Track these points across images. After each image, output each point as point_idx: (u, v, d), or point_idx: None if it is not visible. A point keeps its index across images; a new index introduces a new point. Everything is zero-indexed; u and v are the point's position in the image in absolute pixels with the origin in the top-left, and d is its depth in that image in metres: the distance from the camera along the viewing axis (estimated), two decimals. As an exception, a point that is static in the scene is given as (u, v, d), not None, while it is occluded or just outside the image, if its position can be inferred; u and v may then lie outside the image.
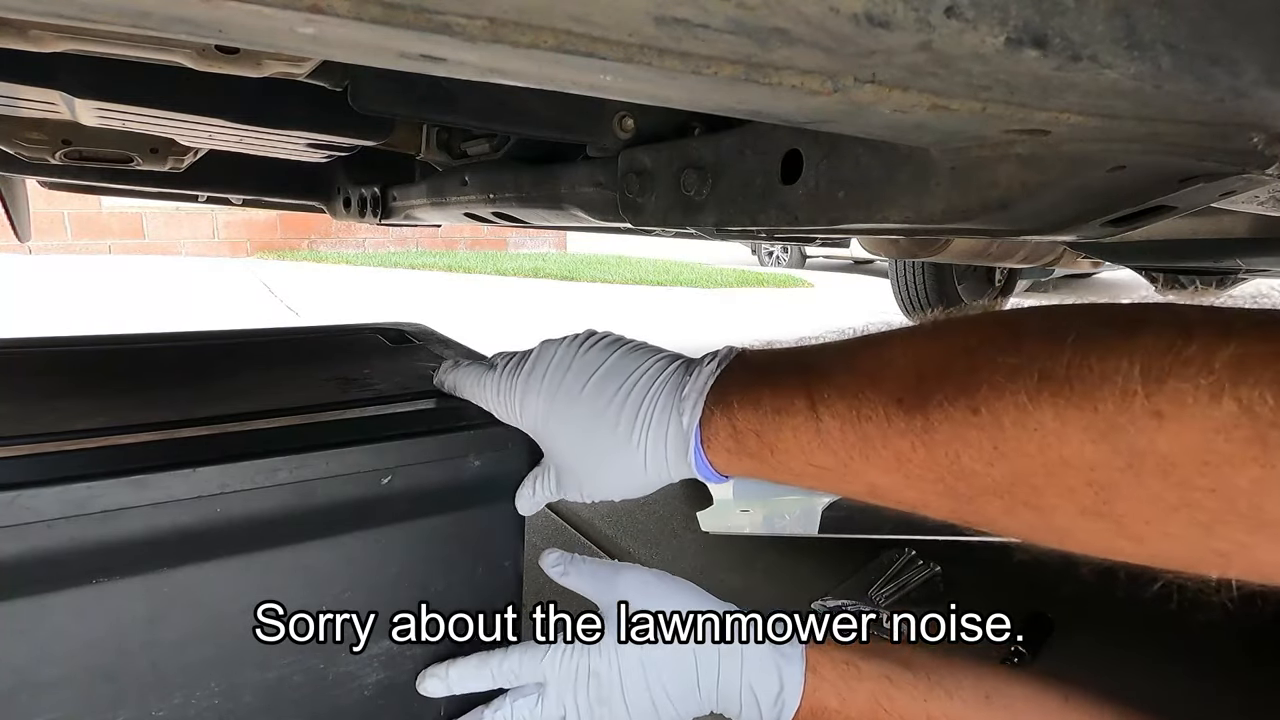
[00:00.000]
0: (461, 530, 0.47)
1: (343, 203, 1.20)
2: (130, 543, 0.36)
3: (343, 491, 0.41)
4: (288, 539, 0.41)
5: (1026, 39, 0.24)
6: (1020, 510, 0.29)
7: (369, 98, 0.54)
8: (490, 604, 0.50)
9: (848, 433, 0.32)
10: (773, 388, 0.37)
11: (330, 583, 0.43)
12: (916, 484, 0.31)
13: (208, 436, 0.39)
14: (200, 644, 0.39)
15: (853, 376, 0.34)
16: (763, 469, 0.37)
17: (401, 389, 0.50)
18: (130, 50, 0.41)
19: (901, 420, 0.31)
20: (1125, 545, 0.27)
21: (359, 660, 0.45)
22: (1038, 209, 0.39)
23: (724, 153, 0.52)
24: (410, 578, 0.46)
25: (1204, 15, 0.26)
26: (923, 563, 1.03)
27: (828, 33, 0.23)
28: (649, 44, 0.23)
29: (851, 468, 0.33)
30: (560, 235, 7.75)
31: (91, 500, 0.34)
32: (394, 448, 0.42)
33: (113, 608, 0.37)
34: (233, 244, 6.01)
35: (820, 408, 0.34)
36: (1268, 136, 0.33)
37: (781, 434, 0.35)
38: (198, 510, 0.37)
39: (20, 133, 0.77)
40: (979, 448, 0.28)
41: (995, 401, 0.28)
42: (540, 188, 0.74)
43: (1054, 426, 0.26)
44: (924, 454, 0.30)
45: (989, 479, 0.29)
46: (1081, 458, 0.26)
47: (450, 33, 0.22)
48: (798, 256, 7.91)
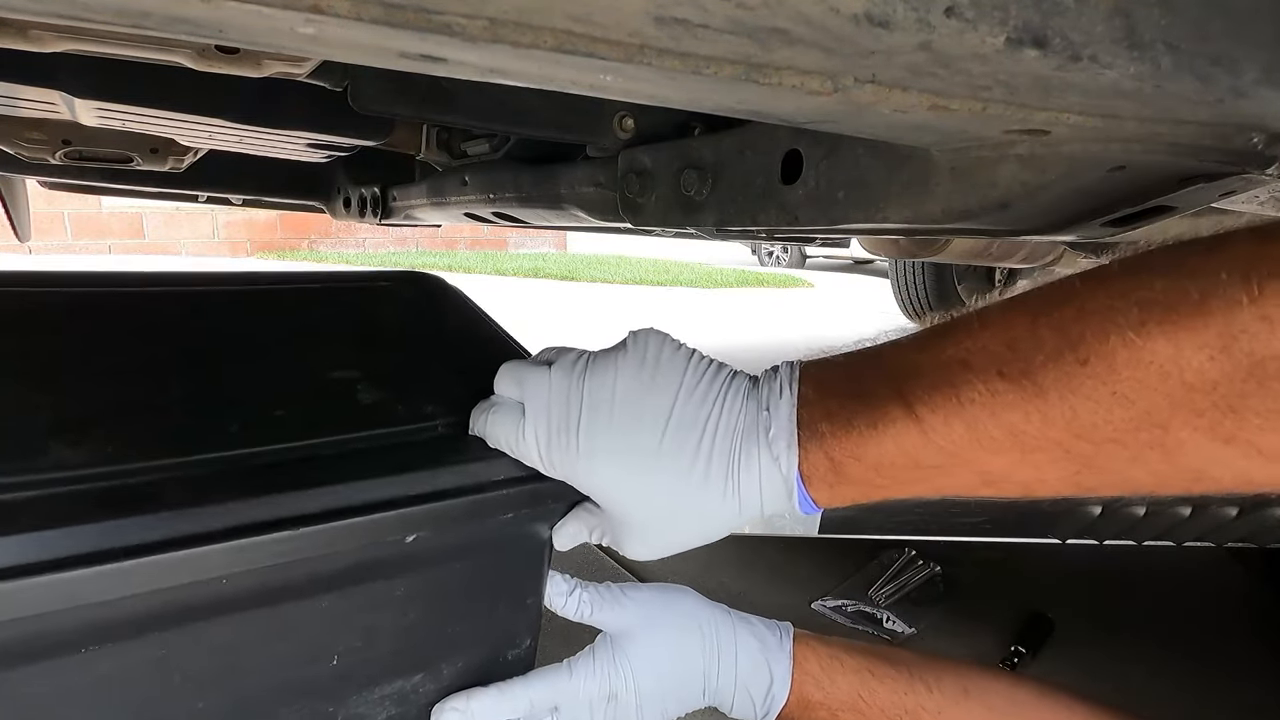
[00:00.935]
0: (485, 574, 0.45)
1: (343, 203, 1.20)
2: (130, 619, 0.33)
3: (364, 553, 0.38)
4: (299, 596, 0.38)
5: (1026, 39, 0.24)
6: (1147, 455, 0.28)
7: (369, 98, 0.54)
8: (511, 639, 0.49)
9: (953, 423, 0.31)
10: (860, 402, 0.35)
11: (346, 630, 0.41)
12: (1033, 457, 0.30)
13: (210, 514, 0.35)
14: (207, 694, 0.38)
15: (941, 366, 0.32)
16: (869, 491, 0.35)
17: (425, 414, 0.45)
18: (130, 50, 0.41)
19: (1008, 393, 0.29)
20: (1258, 468, 0.26)
21: (370, 702, 0.43)
22: (1038, 209, 0.39)
23: (724, 153, 0.52)
24: (428, 623, 0.44)
25: (1204, 15, 0.26)
26: (923, 563, 1.03)
27: (828, 33, 0.23)
28: (649, 44, 0.23)
29: (961, 459, 0.31)
30: (560, 235, 7.74)
31: (82, 591, 0.31)
32: (422, 513, 0.38)
33: (121, 663, 0.34)
34: (233, 244, 6.01)
35: (918, 407, 0.32)
36: (1268, 136, 0.33)
37: (884, 448, 0.33)
38: (200, 591, 0.34)
39: (20, 133, 0.77)
40: (1095, 398, 0.27)
41: (1101, 346, 0.27)
42: (540, 188, 0.74)
43: (1168, 353, 0.26)
44: (1039, 421, 0.29)
45: (1110, 428, 0.28)
46: (1203, 378, 0.25)
47: (450, 33, 0.22)
48: (798, 256, 7.91)
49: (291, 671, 0.40)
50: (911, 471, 0.33)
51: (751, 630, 0.49)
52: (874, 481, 0.34)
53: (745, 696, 0.47)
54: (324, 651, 0.40)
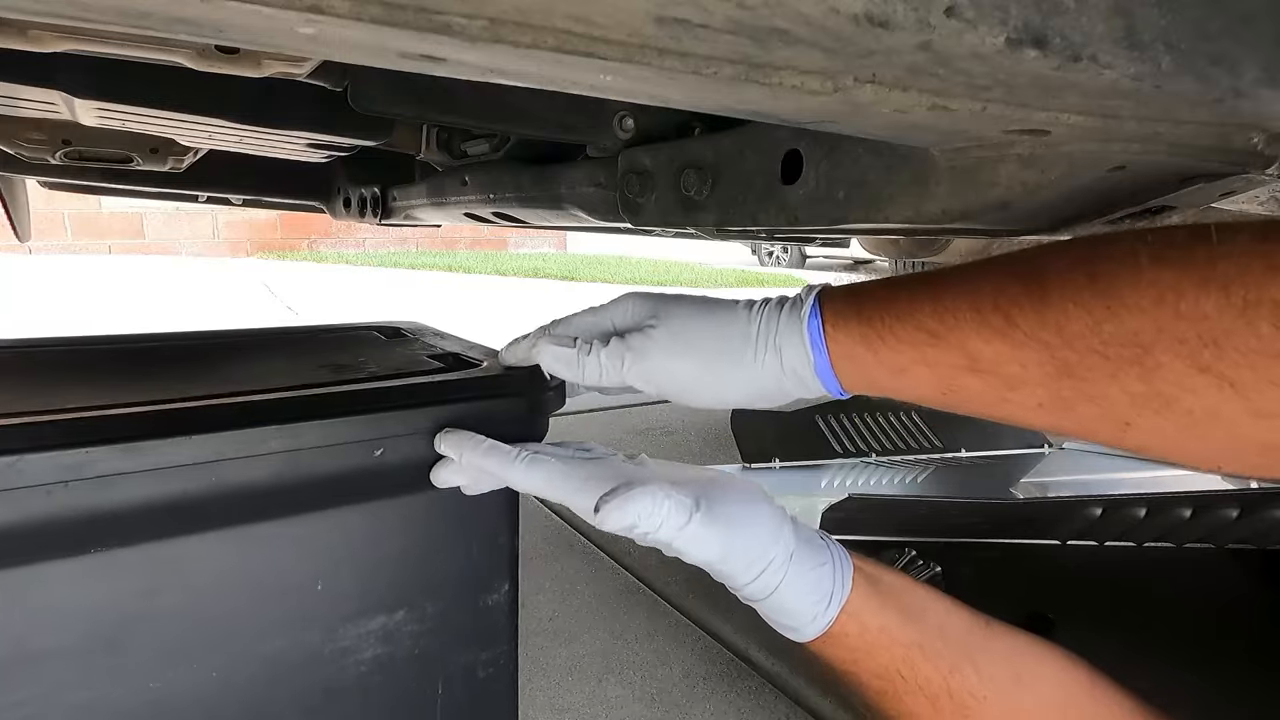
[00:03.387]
0: (456, 506, 0.47)
1: (343, 203, 1.20)
2: (126, 512, 0.36)
3: (335, 463, 0.42)
4: (282, 511, 0.41)
5: (1026, 39, 0.24)
6: (1126, 372, 0.30)
7: (369, 98, 0.54)
8: (488, 583, 0.50)
9: (960, 300, 0.34)
10: (890, 279, 0.38)
11: (325, 556, 0.43)
12: (1020, 353, 0.32)
13: (202, 409, 0.39)
14: (198, 617, 0.40)
15: (966, 267, 0.36)
16: (872, 337, 0.37)
17: (394, 370, 0.50)
18: (130, 50, 0.41)
19: (1015, 286, 0.33)
20: (1226, 400, 0.28)
21: (356, 636, 0.45)
22: (1038, 209, 0.39)
23: (724, 153, 0.52)
24: (404, 554, 0.46)
25: (1204, 15, 0.26)
26: (923, 563, 1.03)
27: (828, 33, 0.23)
28: (649, 44, 0.23)
29: (957, 334, 0.34)
30: (560, 235, 7.74)
31: (87, 466, 0.34)
32: (386, 418, 0.42)
33: (110, 578, 0.37)
34: (233, 244, 6.01)
35: (938, 283, 0.36)
36: (1268, 136, 0.33)
37: (896, 295, 0.37)
38: (192, 479, 0.37)
39: (20, 133, 0.77)
40: (1090, 307, 0.30)
41: (1113, 268, 0.30)
42: (540, 188, 0.74)
43: (1170, 281, 0.28)
44: (1033, 317, 0.32)
45: (1096, 338, 0.30)
46: (1196, 309, 0.27)
47: (450, 33, 0.22)
48: (798, 256, 7.91)
49: (282, 596, 0.43)
50: (910, 330, 0.36)
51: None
52: (875, 323, 0.37)
53: (802, 585, 0.41)
54: (309, 577, 0.43)
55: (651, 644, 0.76)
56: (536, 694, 0.67)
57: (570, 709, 0.66)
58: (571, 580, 0.88)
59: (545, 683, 0.69)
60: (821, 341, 0.38)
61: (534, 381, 0.47)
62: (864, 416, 1.29)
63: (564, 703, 0.67)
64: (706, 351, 0.41)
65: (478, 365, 0.51)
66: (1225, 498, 0.78)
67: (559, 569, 0.91)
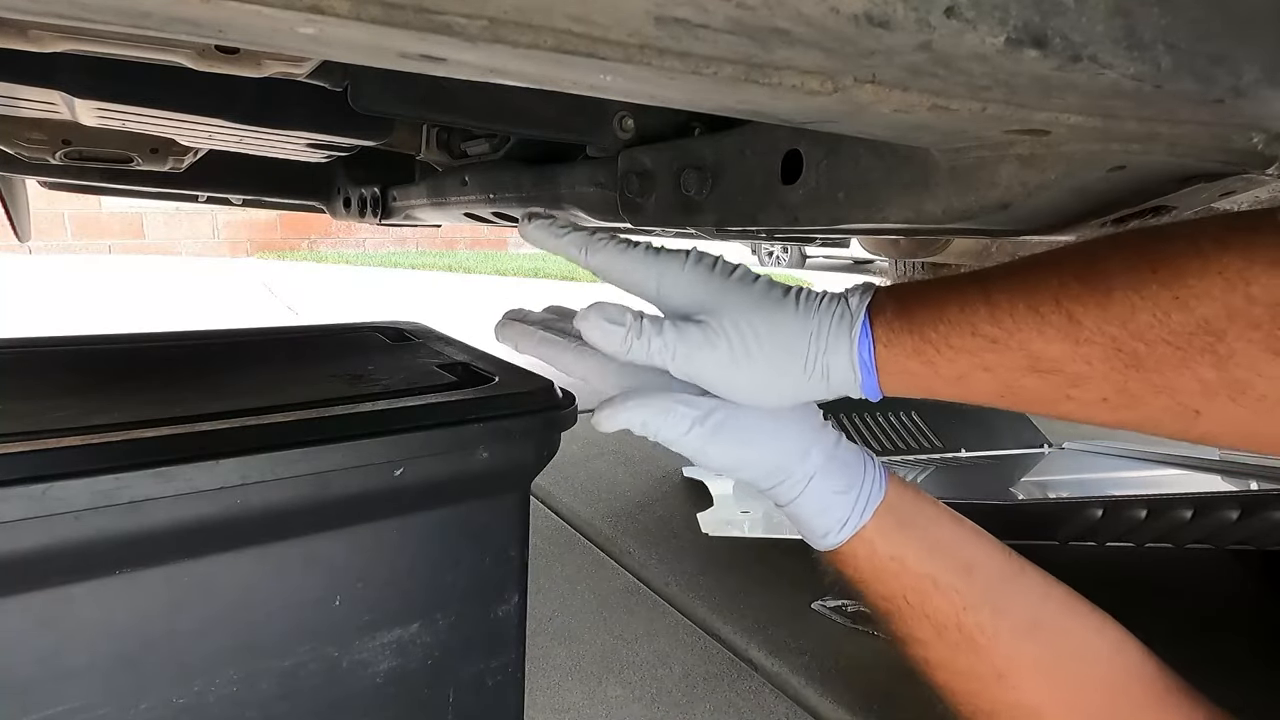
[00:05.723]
0: (470, 522, 0.48)
1: (343, 203, 1.20)
2: (154, 534, 0.37)
3: (357, 484, 0.42)
4: (303, 530, 0.42)
5: (1026, 39, 0.24)
6: (1197, 361, 0.29)
7: (369, 98, 0.54)
8: (499, 594, 0.51)
9: (1017, 302, 0.33)
10: (938, 281, 0.37)
11: (344, 572, 0.44)
12: (1084, 350, 0.32)
13: (227, 430, 0.40)
14: (220, 633, 0.41)
15: (1021, 265, 0.35)
16: (924, 347, 0.36)
17: (407, 384, 0.51)
18: (130, 50, 0.41)
19: (1076, 285, 0.32)
20: None
21: (372, 649, 0.46)
22: (1038, 209, 0.39)
23: (724, 153, 0.52)
24: (419, 568, 0.47)
25: (1204, 15, 0.26)
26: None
27: (828, 33, 0.23)
28: (649, 44, 0.23)
29: (1017, 337, 0.33)
30: (560, 235, 7.72)
31: (119, 492, 0.35)
32: (407, 440, 0.43)
33: (136, 598, 0.38)
34: (233, 244, 6.01)
35: (989, 285, 0.35)
36: (1268, 136, 0.33)
37: (948, 302, 0.35)
38: (219, 502, 0.38)
39: (20, 133, 0.77)
40: (1156, 299, 0.29)
41: (1176, 258, 0.29)
42: (540, 188, 0.74)
43: (1239, 265, 0.27)
44: (1097, 313, 0.31)
45: (1166, 329, 0.29)
46: (1268, 292, 0.27)
47: (450, 33, 0.22)
48: (798, 256, 7.91)
49: (301, 612, 0.43)
50: (967, 338, 0.35)
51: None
52: (929, 334, 0.36)
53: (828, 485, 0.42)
54: (328, 593, 0.44)
55: (651, 644, 0.76)
56: (537, 694, 0.67)
57: (570, 709, 0.66)
58: (571, 580, 0.88)
59: (546, 683, 0.69)
60: (871, 363, 0.37)
61: (549, 399, 0.49)
62: (864, 416, 1.29)
63: (564, 703, 0.67)
64: (758, 362, 0.39)
65: (491, 380, 0.52)
66: (1226, 499, 0.78)
67: (559, 569, 0.91)
